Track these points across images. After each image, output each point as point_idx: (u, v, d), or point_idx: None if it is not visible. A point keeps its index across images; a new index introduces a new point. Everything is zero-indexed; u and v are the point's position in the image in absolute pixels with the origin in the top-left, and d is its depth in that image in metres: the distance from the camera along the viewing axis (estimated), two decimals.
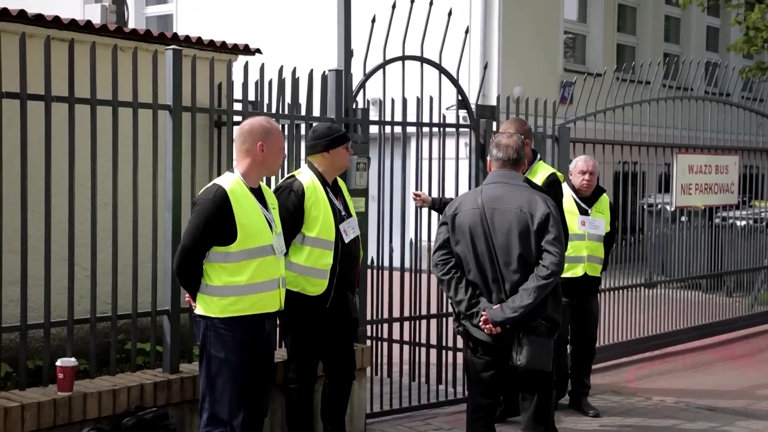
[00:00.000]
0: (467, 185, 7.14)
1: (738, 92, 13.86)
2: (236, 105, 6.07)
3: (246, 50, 6.77)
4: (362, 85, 6.64)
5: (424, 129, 7.02)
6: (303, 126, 6.18)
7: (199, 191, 4.78)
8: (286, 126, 6.13)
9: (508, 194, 5.02)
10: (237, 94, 6.06)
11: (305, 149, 5.55)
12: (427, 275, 6.90)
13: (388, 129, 6.84)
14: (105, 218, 5.31)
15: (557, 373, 6.34)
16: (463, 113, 7.33)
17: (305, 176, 5.33)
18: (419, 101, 6.86)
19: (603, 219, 7.10)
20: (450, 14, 6.85)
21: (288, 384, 5.44)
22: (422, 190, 6.80)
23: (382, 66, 6.66)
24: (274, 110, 6.10)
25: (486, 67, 9.46)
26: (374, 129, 6.75)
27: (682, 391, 7.77)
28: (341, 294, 5.33)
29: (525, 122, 6.62)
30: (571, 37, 18.21)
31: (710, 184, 9.87)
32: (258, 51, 6.83)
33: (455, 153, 7.05)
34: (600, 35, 18.13)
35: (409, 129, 6.91)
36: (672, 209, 9.90)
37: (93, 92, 5.06)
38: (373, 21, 6.37)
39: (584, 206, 7.07)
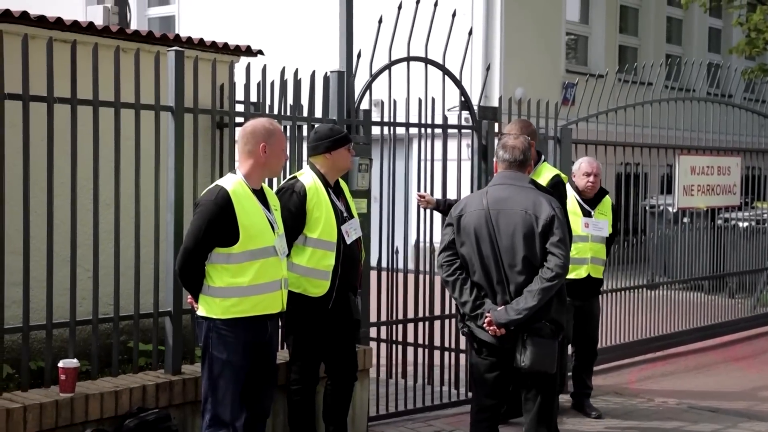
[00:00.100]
0: (469, 187, 7.12)
1: (740, 93, 13.84)
2: (238, 106, 6.06)
3: (248, 51, 6.78)
4: (368, 86, 6.62)
5: (427, 130, 7.01)
6: (305, 127, 6.18)
7: (202, 192, 4.78)
8: (288, 127, 6.12)
9: (513, 196, 5.01)
10: (239, 96, 6.05)
11: (307, 150, 5.54)
12: (430, 276, 6.91)
13: (390, 130, 6.84)
14: (107, 219, 5.30)
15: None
16: (465, 114, 7.31)
17: (307, 177, 5.32)
18: (421, 102, 6.85)
19: (606, 220, 7.10)
20: (454, 15, 6.84)
21: (290, 385, 5.43)
22: (425, 192, 6.80)
23: (388, 67, 6.66)
24: (277, 111, 6.10)
25: (488, 69, 9.44)
26: (376, 130, 6.75)
27: (685, 393, 7.76)
28: (343, 295, 5.32)
29: (530, 123, 6.60)
30: (573, 39, 18.19)
31: (712, 186, 9.86)
32: (260, 52, 6.83)
33: (457, 154, 7.05)
34: (602, 36, 18.11)
35: (412, 130, 6.90)
36: (674, 210, 9.89)
37: (95, 93, 5.06)
38: (380, 22, 6.35)
39: (587, 208, 7.07)
